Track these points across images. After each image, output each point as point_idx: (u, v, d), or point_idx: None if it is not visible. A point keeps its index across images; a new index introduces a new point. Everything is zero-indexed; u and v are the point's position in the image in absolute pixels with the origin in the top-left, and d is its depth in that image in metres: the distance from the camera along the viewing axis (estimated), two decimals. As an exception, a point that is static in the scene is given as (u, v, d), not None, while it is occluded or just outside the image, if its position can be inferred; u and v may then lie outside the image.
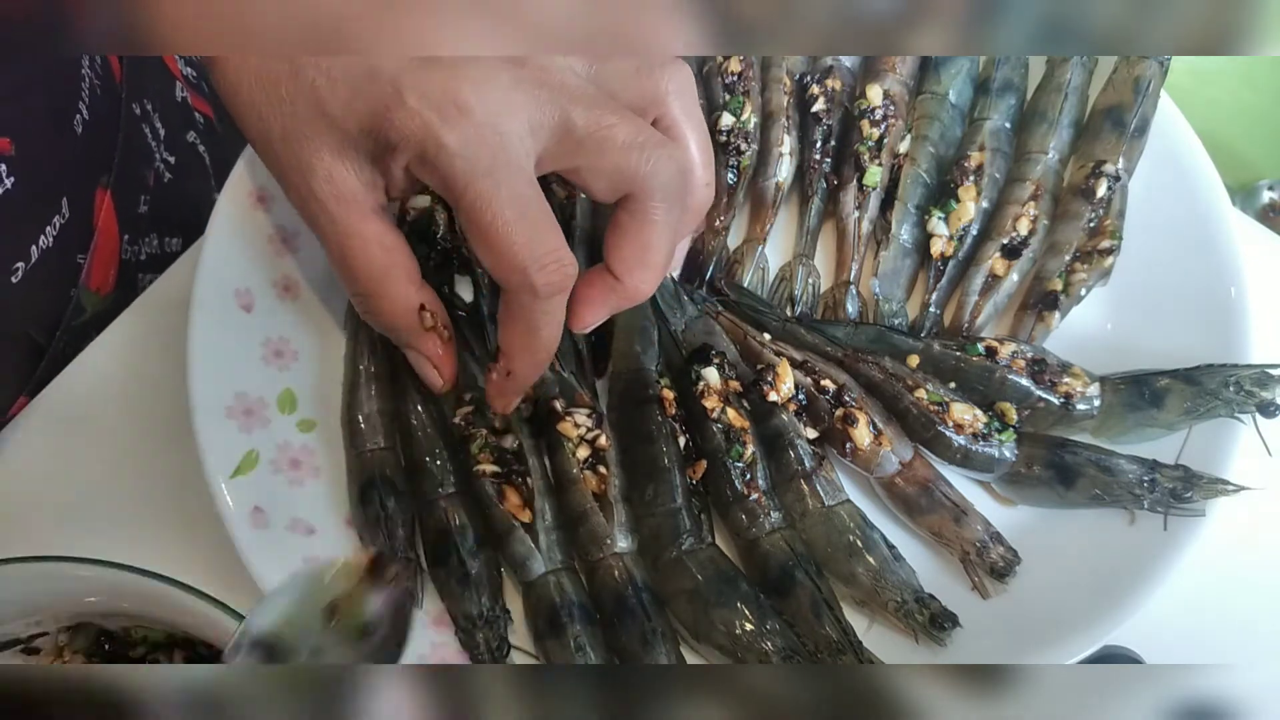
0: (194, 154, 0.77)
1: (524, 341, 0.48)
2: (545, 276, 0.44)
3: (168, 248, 0.73)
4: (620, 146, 0.44)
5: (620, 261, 0.47)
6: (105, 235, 0.64)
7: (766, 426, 0.58)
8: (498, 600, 0.54)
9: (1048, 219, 0.63)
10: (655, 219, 0.46)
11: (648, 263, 0.47)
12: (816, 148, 0.65)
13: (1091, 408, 0.59)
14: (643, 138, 0.44)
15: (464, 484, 0.56)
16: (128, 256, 0.68)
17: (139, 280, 0.69)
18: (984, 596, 0.56)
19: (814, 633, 0.53)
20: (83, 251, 0.63)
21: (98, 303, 0.65)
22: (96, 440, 0.60)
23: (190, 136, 0.77)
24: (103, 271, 0.65)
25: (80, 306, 0.64)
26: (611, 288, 0.48)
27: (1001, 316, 0.64)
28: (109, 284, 0.66)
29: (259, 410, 0.56)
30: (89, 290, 0.64)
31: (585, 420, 0.57)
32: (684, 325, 0.62)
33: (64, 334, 0.63)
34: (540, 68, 0.44)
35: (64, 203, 0.59)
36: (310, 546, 0.55)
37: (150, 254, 0.70)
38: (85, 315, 0.64)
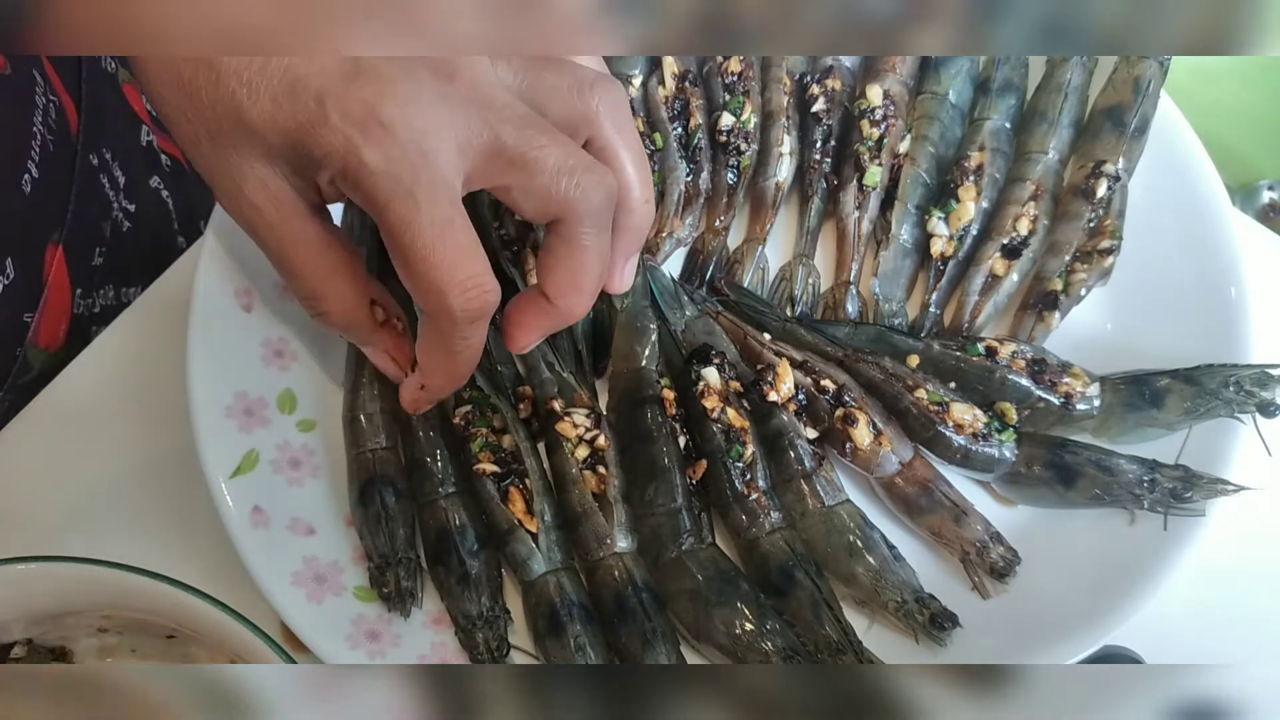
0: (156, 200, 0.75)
1: (440, 363, 0.47)
2: (463, 302, 0.43)
3: (125, 298, 0.70)
4: (550, 170, 0.43)
5: (553, 285, 0.47)
6: (56, 291, 0.62)
7: (766, 426, 0.58)
8: (498, 600, 0.54)
9: (1048, 219, 0.63)
10: (585, 244, 0.46)
11: (579, 287, 0.47)
12: (816, 148, 0.65)
13: (1091, 408, 0.59)
14: (573, 162, 0.44)
15: (464, 483, 0.56)
16: (80, 310, 0.66)
17: (91, 333, 0.66)
18: (984, 596, 0.56)
19: (814, 633, 0.53)
20: (30, 310, 0.61)
21: (46, 360, 0.63)
22: (96, 440, 0.60)
23: (154, 181, 0.75)
24: (52, 328, 0.63)
25: (27, 364, 0.62)
26: (545, 310, 0.48)
27: (1001, 316, 0.64)
28: (59, 340, 0.64)
29: (259, 410, 0.56)
30: (37, 348, 0.62)
31: (584, 420, 0.57)
32: (684, 325, 0.62)
33: (9, 393, 0.61)
34: (469, 84, 0.43)
35: (8, 263, 0.58)
36: (310, 546, 0.55)
37: (105, 305, 0.68)
38: (32, 372, 0.63)
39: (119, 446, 0.60)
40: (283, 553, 0.53)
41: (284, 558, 0.53)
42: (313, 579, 0.54)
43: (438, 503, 0.55)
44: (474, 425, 0.57)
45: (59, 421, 0.61)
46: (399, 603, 0.54)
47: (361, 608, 0.54)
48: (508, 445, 0.56)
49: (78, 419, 0.61)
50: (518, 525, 0.54)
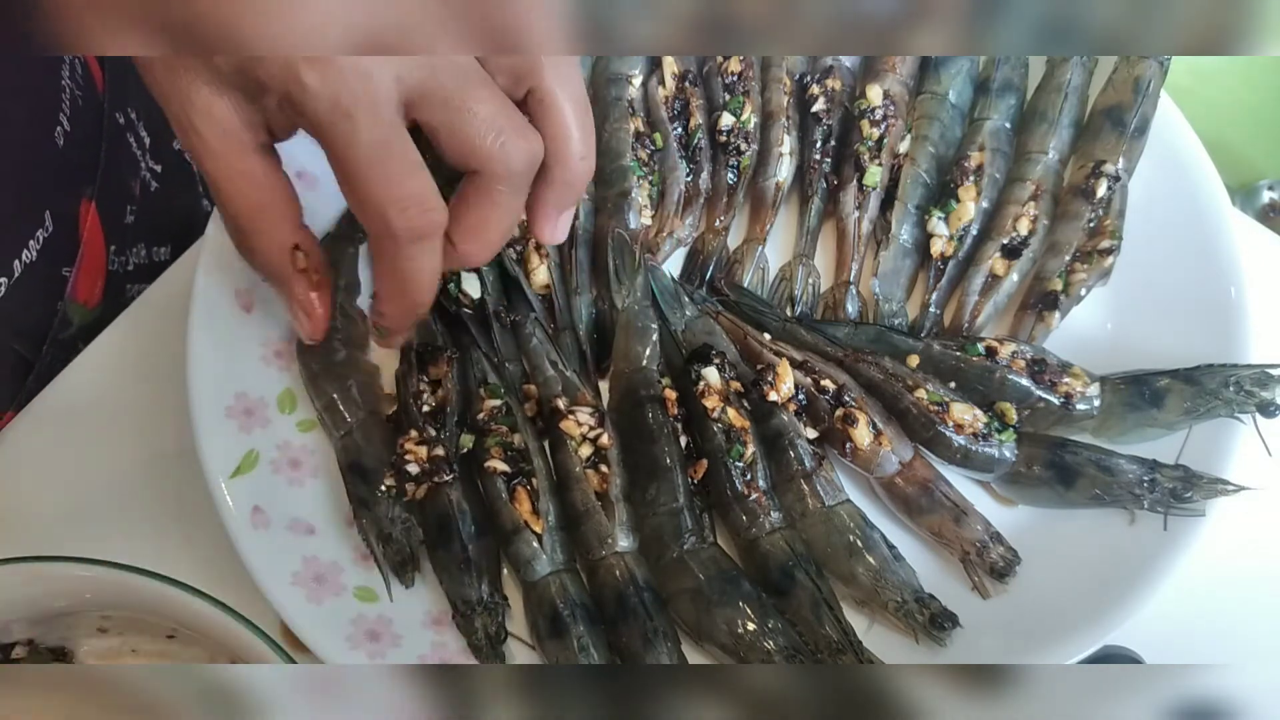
0: (181, 161, 0.76)
1: (391, 285, 0.48)
2: (404, 220, 0.44)
3: (156, 257, 0.72)
4: (480, 121, 0.44)
5: (458, 228, 0.48)
6: (91, 247, 0.64)
7: (766, 426, 0.58)
8: (496, 587, 0.55)
9: (1048, 219, 0.63)
10: (498, 201, 0.47)
11: (483, 238, 0.48)
12: (816, 148, 0.65)
13: (1091, 408, 0.59)
14: (503, 121, 0.45)
15: (468, 472, 0.56)
16: (115, 268, 0.67)
17: (127, 291, 0.69)
18: (984, 596, 0.56)
19: (814, 633, 0.53)
20: (68, 264, 0.62)
21: (85, 315, 0.65)
22: (97, 440, 0.60)
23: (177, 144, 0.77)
24: (89, 284, 0.64)
25: (67, 319, 0.63)
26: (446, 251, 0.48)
27: (1001, 316, 0.64)
28: (96, 296, 0.66)
29: (259, 410, 0.56)
30: (76, 303, 0.64)
31: (588, 419, 0.57)
32: (684, 325, 0.62)
33: (51, 347, 0.62)
34: None
35: (47, 216, 0.59)
36: (310, 546, 0.55)
37: (138, 264, 0.70)
38: (72, 328, 0.64)
39: (119, 446, 0.60)
40: (283, 553, 0.53)
41: (284, 558, 0.53)
42: (313, 579, 0.53)
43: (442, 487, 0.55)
44: (497, 422, 0.57)
45: (59, 421, 0.61)
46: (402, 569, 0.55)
47: (361, 608, 0.54)
48: (518, 444, 0.56)
49: (78, 419, 0.61)
50: (523, 526, 0.54)
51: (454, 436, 0.56)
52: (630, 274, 0.61)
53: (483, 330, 0.60)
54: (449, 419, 0.56)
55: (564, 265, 0.62)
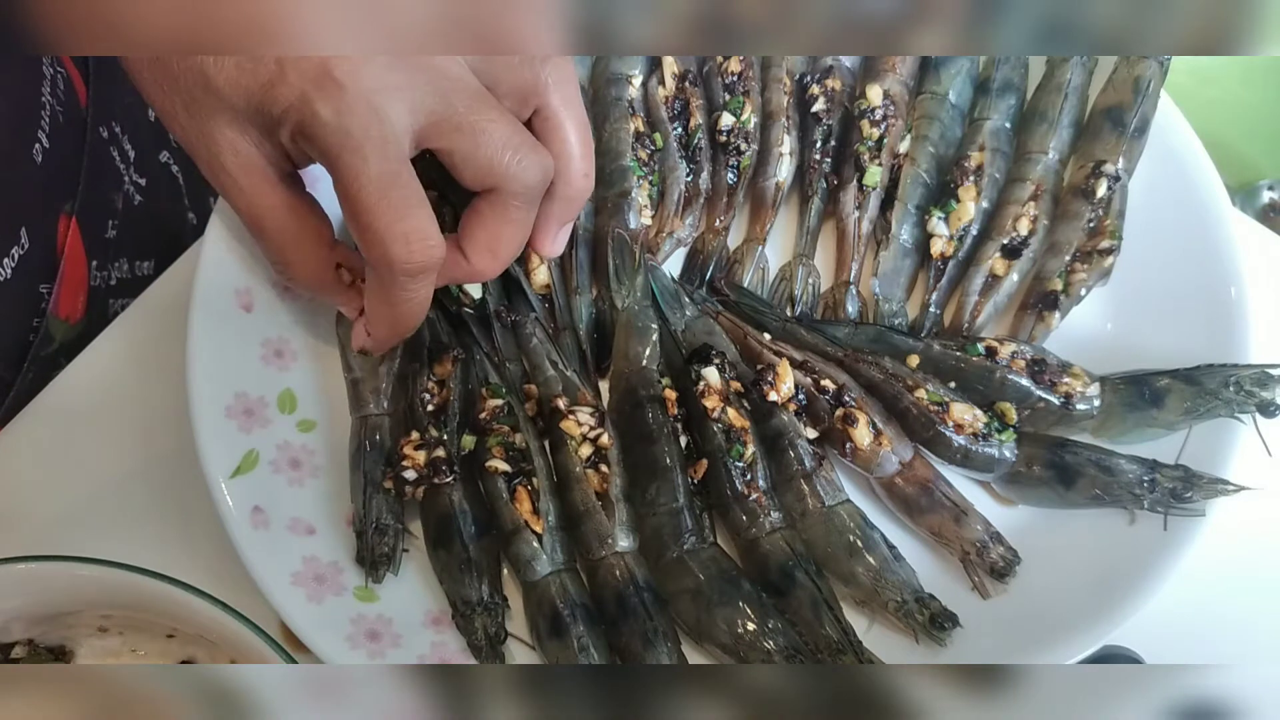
0: (166, 174, 0.76)
1: (384, 313, 0.49)
2: (405, 254, 0.45)
3: (139, 271, 0.72)
4: (496, 142, 0.45)
5: (472, 244, 0.49)
6: (72, 262, 0.64)
7: (766, 426, 0.58)
8: (496, 588, 0.55)
9: (1048, 219, 0.63)
10: (513, 217, 0.48)
11: (496, 252, 0.50)
12: (816, 148, 0.65)
13: (1091, 408, 0.59)
14: (518, 140, 0.46)
15: (469, 472, 0.56)
16: (97, 283, 0.67)
17: (110, 306, 0.68)
18: (984, 596, 0.56)
19: (814, 633, 0.53)
20: (47, 281, 0.62)
21: (67, 331, 0.64)
22: (97, 440, 0.60)
23: (163, 156, 0.76)
24: (71, 299, 0.64)
25: (49, 336, 0.63)
26: (458, 264, 0.50)
27: (1001, 316, 0.64)
28: (78, 311, 0.65)
29: (259, 410, 0.56)
30: (58, 319, 0.63)
31: (588, 418, 0.57)
32: (684, 325, 0.62)
33: (32, 365, 0.62)
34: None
35: (23, 233, 0.59)
36: (310, 546, 0.55)
37: (121, 279, 0.70)
38: (54, 345, 0.64)
39: (119, 446, 0.60)
40: (283, 553, 0.53)
41: (284, 558, 0.53)
42: (313, 579, 0.53)
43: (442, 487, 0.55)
44: (499, 421, 0.57)
45: (59, 421, 0.61)
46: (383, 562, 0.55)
47: (361, 608, 0.54)
48: (519, 443, 0.56)
49: (78, 419, 0.61)
50: (524, 526, 0.54)
51: (455, 437, 0.56)
52: (630, 274, 0.61)
53: (483, 330, 0.60)
54: (451, 419, 0.56)
55: (564, 265, 0.62)
